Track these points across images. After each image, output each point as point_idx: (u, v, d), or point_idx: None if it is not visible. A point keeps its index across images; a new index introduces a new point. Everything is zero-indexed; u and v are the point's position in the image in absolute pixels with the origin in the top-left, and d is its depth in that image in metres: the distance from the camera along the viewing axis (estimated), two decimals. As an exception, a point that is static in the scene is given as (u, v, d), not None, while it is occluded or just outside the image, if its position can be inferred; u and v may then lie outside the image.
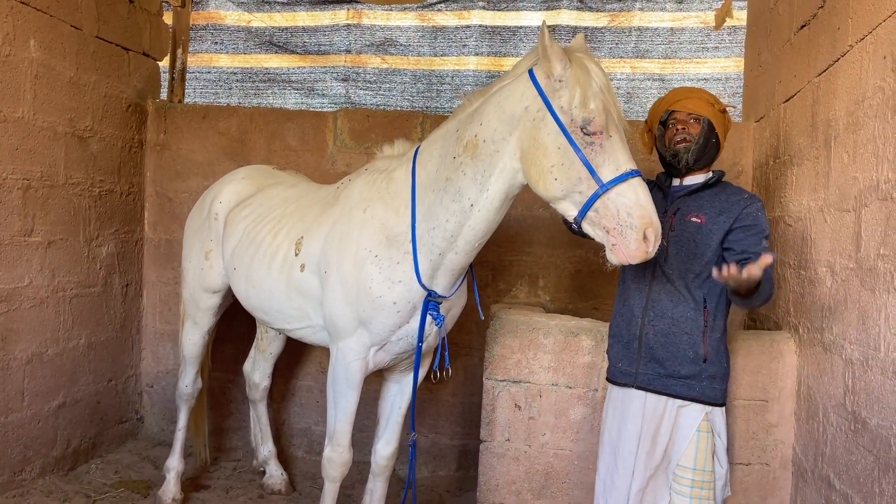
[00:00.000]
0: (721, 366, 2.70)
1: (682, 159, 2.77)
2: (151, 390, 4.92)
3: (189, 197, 4.77)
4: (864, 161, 2.64)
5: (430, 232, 2.72)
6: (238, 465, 4.51)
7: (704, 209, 2.73)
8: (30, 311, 3.80)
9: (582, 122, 2.30)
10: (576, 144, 2.31)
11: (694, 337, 2.67)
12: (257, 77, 5.58)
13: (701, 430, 2.65)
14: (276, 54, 5.54)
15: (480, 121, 2.56)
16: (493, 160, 2.53)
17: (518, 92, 2.47)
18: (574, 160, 2.32)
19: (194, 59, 5.58)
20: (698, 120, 2.77)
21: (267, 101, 5.56)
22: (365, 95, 5.45)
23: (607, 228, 2.31)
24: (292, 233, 3.18)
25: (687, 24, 5.12)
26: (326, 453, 3.06)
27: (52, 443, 4.01)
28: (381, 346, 2.94)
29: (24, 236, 3.72)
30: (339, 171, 4.59)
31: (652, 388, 2.71)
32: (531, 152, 2.42)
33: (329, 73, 5.49)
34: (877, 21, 2.57)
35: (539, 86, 2.40)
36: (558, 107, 2.35)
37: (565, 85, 2.35)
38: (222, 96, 5.61)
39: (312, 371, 4.72)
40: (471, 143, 2.57)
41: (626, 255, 2.30)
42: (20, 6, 3.57)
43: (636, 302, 2.79)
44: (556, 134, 2.35)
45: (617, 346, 2.85)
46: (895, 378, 2.34)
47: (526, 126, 2.43)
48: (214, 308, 3.78)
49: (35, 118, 3.74)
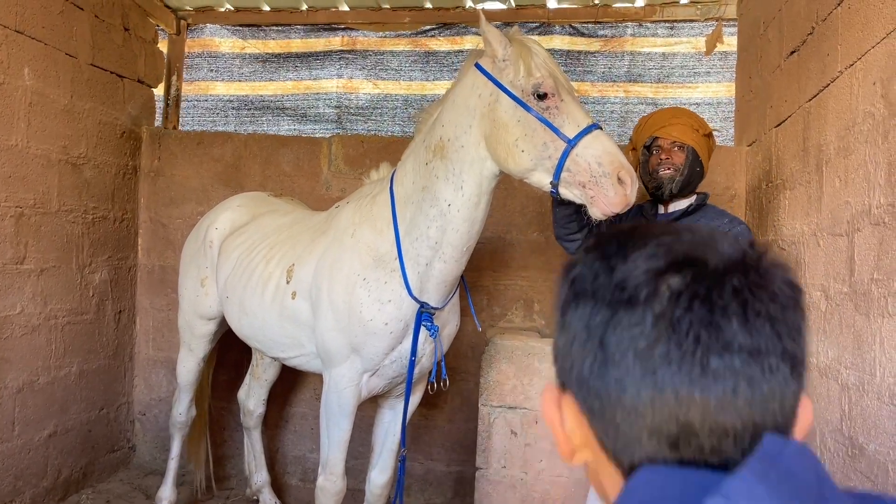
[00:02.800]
0: None
1: (665, 190, 2.78)
2: (144, 418, 4.87)
3: (183, 223, 4.76)
4: (856, 186, 2.65)
5: (414, 243, 2.75)
6: (231, 493, 4.46)
7: None
8: (21, 339, 3.77)
9: (532, 88, 2.41)
10: (533, 110, 2.40)
11: None
12: (252, 104, 5.60)
13: None
14: (271, 81, 5.56)
15: (442, 123, 2.66)
16: (460, 155, 2.60)
17: (469, 84, 2.59)
18: (535, 127, 2.40)
19: (191, 87, 5.60)
20: (682, 148, 2.77)
21: (262, 128, 5.57)
22: (356, 121, 5.47)
23: (582, 183, 2.36)
24: (284, 260, 3.17)
25: (678, 50, 5.17)
26: (320, 482, 3.03)
27: (42, 473, 3.96)
28: (374, 372, 2.93)
29: (16, 264, 3.71)
30: (333, 196, 4.59)
31: None
32: (494, 133, 2.50)
33: (321, 99, 5.51)
34: (866, 47, 2.59)
35: (487, 72, 2.53)
36: (508, 82, 2.47)
37: (510, 62, 2.48)
38: (219, 124, 5.62)
39: (307, 398, 4.69)
40: (437, 146, 2.65)
41: (606, 205, 2.34)
42: (15, 35, 3.59)
43: None
44: (513, 108, 2.44)
45: None
46: (891, 403, 2.33)
47: (483, 112, 2.52)
48: (210, 335, 3.77)
49: (29, 146, 3.74)
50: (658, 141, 2.81)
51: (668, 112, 2.91)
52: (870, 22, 2.57)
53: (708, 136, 2.84)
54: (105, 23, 4.34)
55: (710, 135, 2.86)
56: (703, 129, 2.81)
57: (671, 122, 2.80)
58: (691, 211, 2.80)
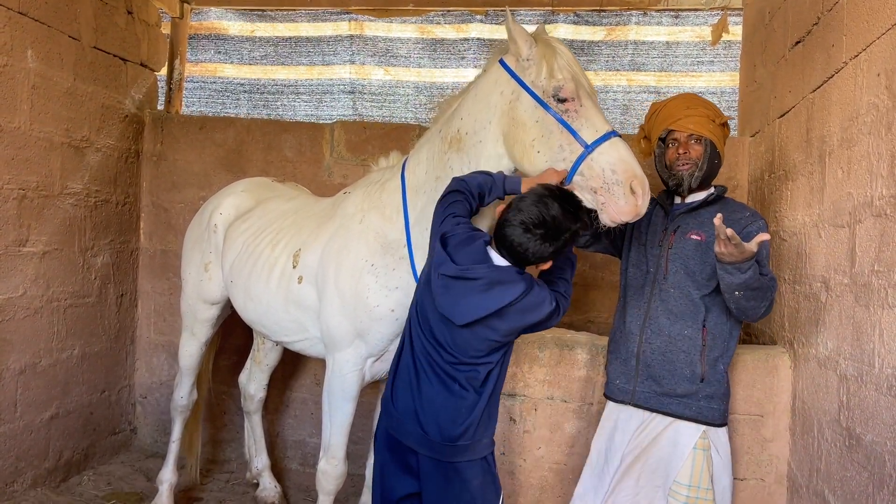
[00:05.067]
0: (720, 385, 2.67)
1: (685, 186, 2.73)
2: (145, 401, 4.90)
3: (185, 207, 4.77)
4: (859, 177, 2.65)
5: (425, 233, 2.73)
6: (231, 477, 4.48)
7: (705, 226, 2.69)
8: (23, 321, 3.79)
9: (553, 90, 2.40)
10: (553, 112, 2.39)
11: (691, 356, 2.64)
12: (265, 88, 5.62)
13: (697, 448, 2.63)
14: (283, 66, 5.58)
15: (461, 116, 2.64)
16: (477, 150, 2.59)
17: (492, 80, 2.57)
18: (553, 129, 2.39)
19: (198, 68, 5.61)
20: (699, 140, 2.71)
21: (276, 112, 5.62)
22: (371, 107, 5.51)
23: (594, 189, 2.35)
24: (290, 245, 3.18)
25: (682, 39, 5.15)
26: (321, 466, 3.04)
27: (44, 454, 3.99)
28: (378, 357, 2.94)
29: (18, 246, 3.72)
30: (335, 182, 4.59)
31: (648, 406, 2.70)
32: (512, 132, 2.49)
33: (336, 84, 5.54)
34: (871, 38, 2.59)
35: (510, 69, 2.51)
36: (530, 82, 2.45)
37: (533, 62, 2.46)
38: (230, 106, 5.66)
39: (307, 383, 4.71)
40: (454, 138, 2.64)
41: (616, 212, 2.33)
42: (18, 17, 3.58)
43: (634, 319, 2.77)
44: (533, 108, 2.43)
45: (615, 362, 2.84)
46: (889, 394, 2.35)
47: (503, 109, 2.51)
48: (212, 319, 3.78)
49: (32, 128, 3.74)
50: (674, 134, 2.74)
51: (682, 101, 2.80)
52: (875, 13, 2.56)
53: (724, 125, 2.77)
54: (108, 5, 4.32)
55: (725, 124, 2.79)
56: (718, 118, 2.74)
57: (687, 113, 2.71)
58: (710, 202, 2.76)
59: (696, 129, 2.69)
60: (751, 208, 2.79)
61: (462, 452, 2.39)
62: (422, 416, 2.39)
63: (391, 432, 2.48)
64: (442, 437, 2.37)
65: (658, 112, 2.87)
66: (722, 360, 2.69)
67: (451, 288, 2.27)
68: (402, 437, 2.44)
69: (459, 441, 2.38)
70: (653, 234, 2.86)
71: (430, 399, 2.38)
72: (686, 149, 2.71)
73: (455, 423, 2.36)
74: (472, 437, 2.40)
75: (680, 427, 2.66)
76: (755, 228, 2.62)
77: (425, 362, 2.39)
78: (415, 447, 2.41)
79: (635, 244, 2.91)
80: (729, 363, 2.74)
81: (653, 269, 2.80)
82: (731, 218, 2.62)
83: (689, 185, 2.73)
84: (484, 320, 2.25)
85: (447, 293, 2.27)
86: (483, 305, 2.23)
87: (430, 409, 2.38)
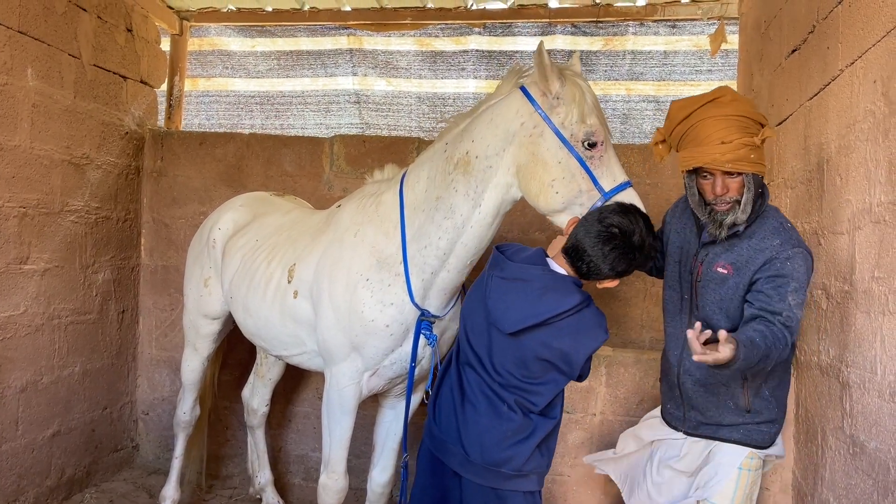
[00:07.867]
0: (770, 411, 2.55)
1: (725, 226, 2.44)
2: (147, 418, 4.89)
3: (186, 223, 4.78)
4: (857, 184, 2.65)
5: (422, 251, 2.73)
6: (235, 493, 4.47)
7: (733, 256, 2.47)
8: (25, 338, 3.79)
9: (584, 136, 2.39)
10: (579, 156, 2.38)
11: (732, 389, 2.52)
12: (275, 100, 5.70)
13: (742, 468, 2.54)
14: (288, 78, 5.65)
15: (472, 138, 2.59)
16: (486, 175, 2.56)
17: (513, 108, 2.51)
18: (577, 173, 2.39)
19: (210, 83, 5.69)
20: (739, 173, 2.37)
21: (288, 122, 5.72)
22: (376, 117, 5.57)
23: None
24: (285, 260, 3.18)
25: (680, 48, 5.17)
26: (322, 480, 3.03)
27: (46, 472, 3.98)
28: (374, 372, 2.93)
29: (19, 264, 3.72)
30: (335, 195, 4.60)
31: (697, 433, 2.62)
32: (529, 167, 2.46)
33: (341, 94, 5.60)
34: (866, 45, 2.59)
35: (535, 102, 2.45)
36: (559, 123, 2.41)
37: (562, 102, 2.42)
38: (245, 118, 5.77)
39: (310, 397, 4.70)
40: (462, 160, 2.60)
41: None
42: (18, 35, 3.61)
43: (672, 348, 2.69)
44: (557, 148, 2.41)
45: (664, 385, 2.78)
46: (892, 401, 2.33)
47: (523, 142, 2.47)
48: (214, 334, 3.78)
49: (32, 146, 3.75)
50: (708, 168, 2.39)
51: (714, 128, 2.34)
52: (870, 20, 2.56)
53: (763, 141, 2.40)
54: (108, 23, 4.35)
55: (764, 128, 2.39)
56: (760, 133, 2.36)
57: (722, 150, 2.32)
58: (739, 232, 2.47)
59: (734, 168, 2.34)
60: (787, 230, 2.46)
61: (506, 480, 2.31)
62: (465, 437, 2.34)
63: (435, 453, 2.43)
64: (484, 459, 2.30)
65: (685, 134, 2.43)
66: (766, 385, 2.56)
67: (504, 290, 2.24)
68: (444, 457, 2.40)
69: (504, 467, 2.30)
70: (686, 254, 2.67)
71: (475, 420, 2.32)
72: (725, 188, 2.39)
73: (499, 447, 2.30)
74: (519, 466, 2.31)
75: (724, 447, 2.57)
76: (782, 257, 2.36)
77: (473, 382, 2.35)
78: (457, 469, 2.36)
79: (671, 262, 2.74)
80: (777, 384, 2.59)
81: (686, 295, 2.65)
82: (761, 245, 2.42)
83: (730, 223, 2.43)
84: (534, 332, 2.21)
85: (500, 296, 2.25)
86: (534, 312, 2.20)
87: (475, 430, 2.31)
